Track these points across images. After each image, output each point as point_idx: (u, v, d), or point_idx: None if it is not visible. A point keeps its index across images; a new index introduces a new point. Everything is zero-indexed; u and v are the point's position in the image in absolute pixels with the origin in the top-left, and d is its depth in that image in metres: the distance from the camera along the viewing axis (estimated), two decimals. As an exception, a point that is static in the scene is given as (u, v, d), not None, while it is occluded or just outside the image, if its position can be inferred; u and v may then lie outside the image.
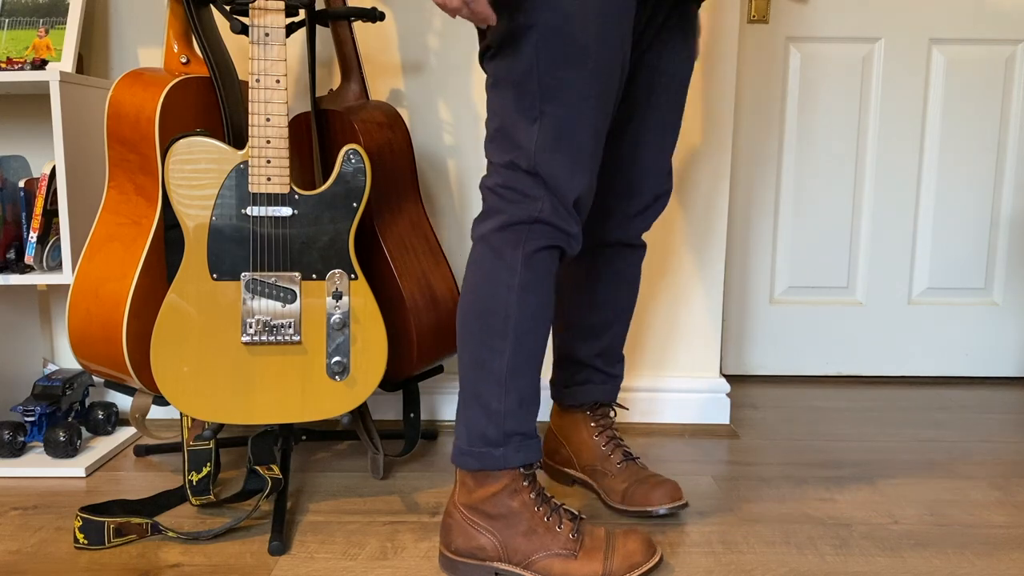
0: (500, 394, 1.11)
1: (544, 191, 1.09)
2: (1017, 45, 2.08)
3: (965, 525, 1.31)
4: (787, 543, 1.24)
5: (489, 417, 1.12)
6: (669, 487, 1.30)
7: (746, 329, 2.19)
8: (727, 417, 1.79)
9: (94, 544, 1.21)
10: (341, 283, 1.29)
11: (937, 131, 2.11)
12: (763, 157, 2.12)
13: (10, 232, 1.54)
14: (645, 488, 1.30)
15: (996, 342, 2.19)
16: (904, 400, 2.02)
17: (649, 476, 1.33)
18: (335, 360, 1.29)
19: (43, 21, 1.58)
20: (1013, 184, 2.13)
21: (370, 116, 1.45)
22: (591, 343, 1.38)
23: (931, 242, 2.16)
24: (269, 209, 1.26)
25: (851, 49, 2.08)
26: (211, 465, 1.35)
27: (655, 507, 1.29)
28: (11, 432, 1.51)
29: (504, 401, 1.12)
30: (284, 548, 1.21)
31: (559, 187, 1.09)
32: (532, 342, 1.12)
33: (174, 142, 1.23)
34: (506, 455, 1.12)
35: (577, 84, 1.06)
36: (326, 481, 1.47)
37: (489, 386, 1.11)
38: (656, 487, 1.30)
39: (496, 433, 1.11)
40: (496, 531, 1.12)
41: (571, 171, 1.09)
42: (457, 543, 1.14)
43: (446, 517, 1.16)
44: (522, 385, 1.12)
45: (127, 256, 1.33)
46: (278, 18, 1.24)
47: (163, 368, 1.25)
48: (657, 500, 1.29)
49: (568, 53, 1.04)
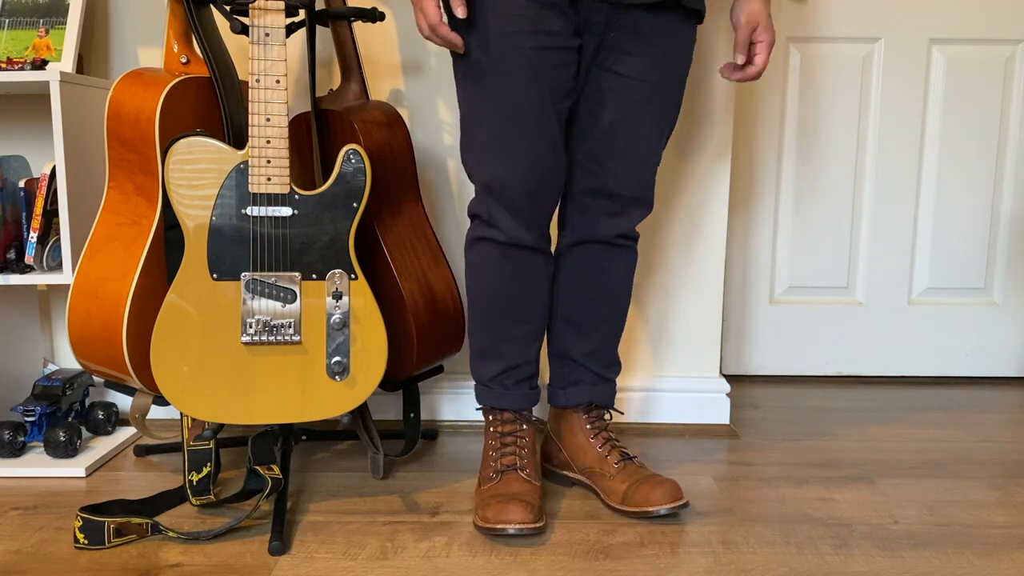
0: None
1: (478, 188, 1.31)
2: (1017, 45, 2.08)
3: (965, 525, 1.31)
4: (787, 543, 1.24)
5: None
6: (669, 487, 1.30)
7: (746, 329, 2.19)
8: (727, 417, 1.79)
9: (94, 544, 1.21)
10: (341, 283, 1.29)
11: (937, 131, 2.11)
12: (763, 157, 2.12)
13: (10, 232, 1.54)
14: (645, 488, 1.30)
15: (996, 342, 2.19)
16: (904, 400, 2.02)
17: (649, 476, 1.34)
18: (335, 360, 1.29)
19: (43, 21, 1.58)
20: (1013, 184, 2.13)
21: (370, 116, 1.45)
22: (581, 341, 1.41)
23: (931, 242, 2.16)
24: (269, 209, 1.26)
25: (851, 49, 2.08)
26: (211, 465, 1.35)
27: (655, 507, 1.29)
28: (11, 432, 1.51)
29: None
30: (284, 548, 1.21)
31: (478, 183, 1.30)
32: (476, 305, 1.37)
33: (174, 142, 1.23)
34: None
35: (478, 96, 1.26)
36: (326, 481, 1.47)
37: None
38: (656, 487, 1.30)
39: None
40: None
41: (486, 169, 1.28)
42: None
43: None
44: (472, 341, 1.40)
45: (127, 256, 1.33)
46: (278, 18, 1.24)
47: (163, 368, 1.25)
48: (657, 500, 1.29)
49: (473, 70, 1.25)
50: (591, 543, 1.24)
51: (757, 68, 1.31)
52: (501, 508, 1.24)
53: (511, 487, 1.30)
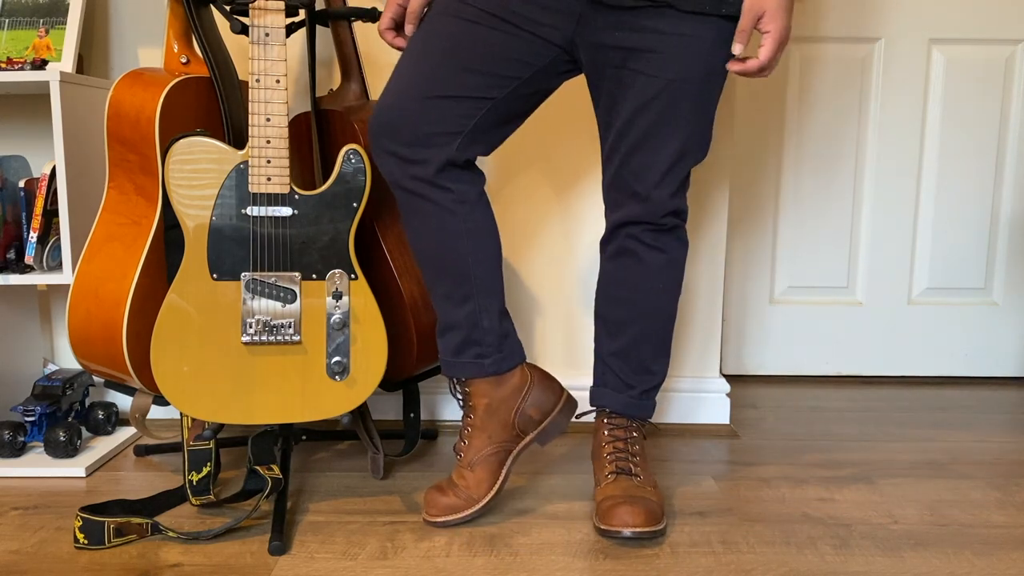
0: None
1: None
2: (1017, 45, 2.08)
3: (965, 525, 1.31)
4: (787, 543, 1.24)
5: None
6: (643, 511, 1.22)
7: (746, 329, 2.19)
8: (727, 417, 1.79)
9: (94, 544, 1.21)
10: (341, 283, 1.29)
11: (937, 131, 2.11)
12: (763, 157, 2.12)
13: (10, 232, 1.54)
14: (622, 509, 1.23)
15: (996, 342, 2.19)
16: (904, 400, 2.02)
17: (634, 497, 1.25)
18: (335, 360, 1.29)
19: (43, 21, 1.58)
20: (1013, 184, 2.13)
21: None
22: (609, 339, 1.36)
23: (931, 242, 2.16)
24: (269, 209, 1.26)
25: (851, 49, 2.08)
26: (211, 465, 1.35)
27: (619, 528, 1.21)
28: (11, 432, 1.51)
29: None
30: (284, 548, 1.21)
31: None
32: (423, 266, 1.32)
33: (174, 142, 1.23)
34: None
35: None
36: (326, 481, 1.47)
37: None
38: (631, 508, 1.22)
39: None
40: None
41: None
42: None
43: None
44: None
45: (127, 256, 1.33)
46: (278, 18, 1.24)
47: (163, 368, 1.25)
48: (623, 522, 1.21)
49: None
50: (591, 543, 1.24)
51: (758, 62, 1.17)
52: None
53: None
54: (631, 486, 1.29)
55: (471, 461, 1.32)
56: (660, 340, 1.36)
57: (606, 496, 1.27)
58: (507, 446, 1.33)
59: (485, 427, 1.32)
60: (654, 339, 1.35)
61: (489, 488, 1.32)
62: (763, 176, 2.13)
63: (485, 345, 1.30)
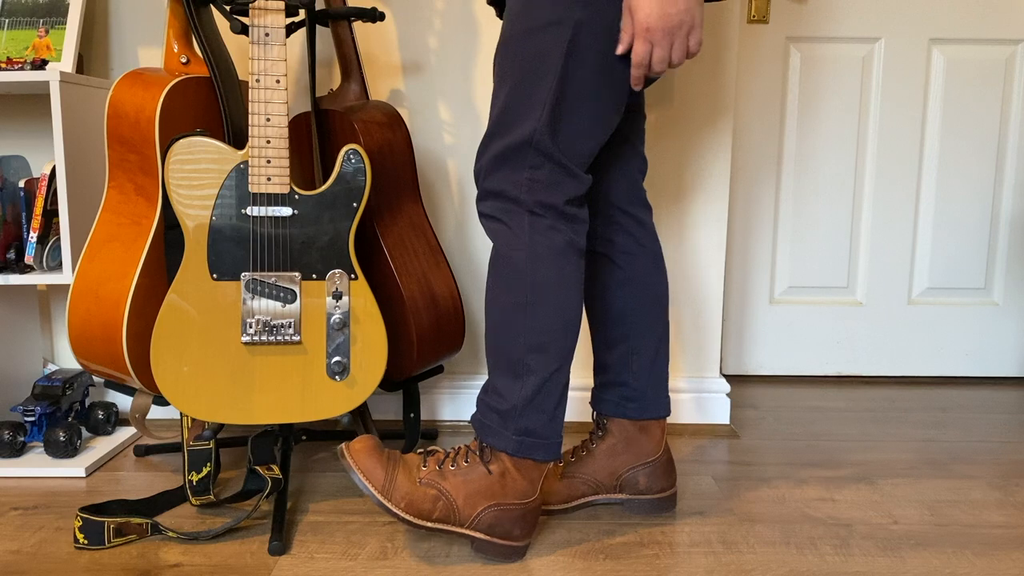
0: None
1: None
2: (1017, 45, 2.08)
3: (965, 525, 1.31)
4: (787, 543, 1.24)
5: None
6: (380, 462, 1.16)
7: (746, 329, 2.19)
8: (727, 417, 1.79)
9: (94, 544, 1.21)
10: (341, 283, 1.29)
11: (937, 131, 2.11)
12: (763, 157, 2.12)
13: (10, 232, 1.54)
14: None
15: (996, 342, 2.19)
16: (904, 400, 2.02)
17: (398, 461, 1.19)
18: (335, 360, 1.29)
19: (43, 21, 1.58)
20: (1013, 184, 2.13)
21: (370, 116, 1.45)
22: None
23: (931, 242, 2.16)
24: (269, 209, 1.26)
25: (851, 49, 2.08)
26: (211, 465, 1.35)
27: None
28: (11, 432, 1.51)
29: None
30: (284, 548, 1.21)
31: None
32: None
33: (174, 142, 1.23)
34: None
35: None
36: (326, 481, 1.47)
37: None
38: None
39: None
40: None
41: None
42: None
43: None
44: None
45: (127, 256, 1.33)
46: (278, 18, 1.24)
47: (163, 368, 1.25)
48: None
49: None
50: (591, 543, 1.24)
51: (633, 59, 1.04)
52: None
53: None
54: (419, 463, 1.18)
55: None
56: (498, 355, 1.16)
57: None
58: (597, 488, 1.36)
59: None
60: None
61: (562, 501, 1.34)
62: (763, 176, 2.12)
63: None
